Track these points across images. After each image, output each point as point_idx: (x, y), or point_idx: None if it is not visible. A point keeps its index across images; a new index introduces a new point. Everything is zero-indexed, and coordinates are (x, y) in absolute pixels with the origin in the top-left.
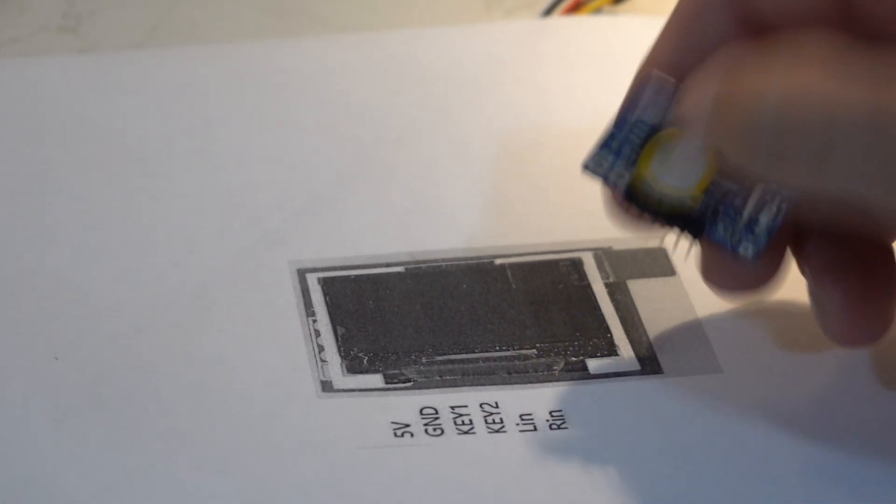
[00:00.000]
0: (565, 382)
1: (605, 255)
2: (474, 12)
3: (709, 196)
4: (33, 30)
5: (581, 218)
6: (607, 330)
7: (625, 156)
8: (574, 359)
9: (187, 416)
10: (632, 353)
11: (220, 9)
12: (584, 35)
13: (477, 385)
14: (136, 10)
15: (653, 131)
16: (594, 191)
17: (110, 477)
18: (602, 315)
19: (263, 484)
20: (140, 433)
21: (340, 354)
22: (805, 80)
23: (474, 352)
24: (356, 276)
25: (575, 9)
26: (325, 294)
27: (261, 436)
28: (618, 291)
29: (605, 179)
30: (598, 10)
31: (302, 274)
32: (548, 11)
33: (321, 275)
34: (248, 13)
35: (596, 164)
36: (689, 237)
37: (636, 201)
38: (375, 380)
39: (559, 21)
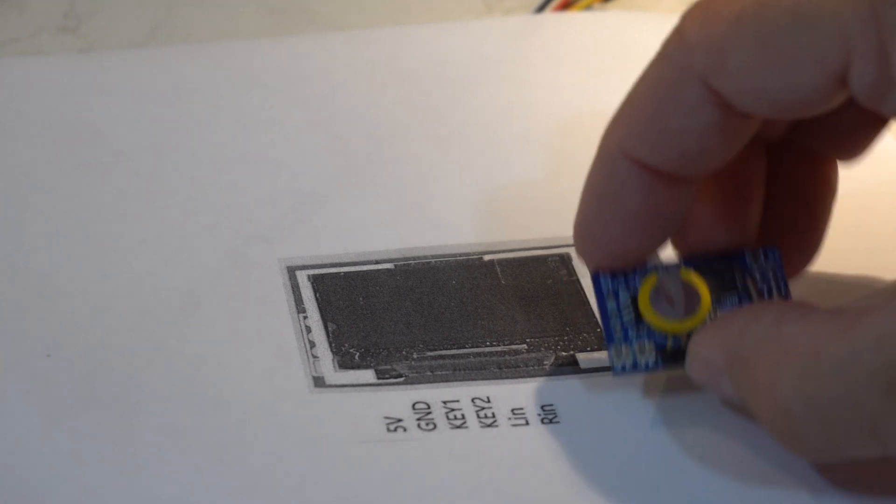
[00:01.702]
0: (556, 377)
1: None
2: (475, 12)
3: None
4: (33, 30)
5: (568, 213)
6: (597, 324)
7: (633, 336)
8: (564, 353)
9: (180, 412)
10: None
11: (221, 9)
12: (575, 32)
13: (468, 380)
14: (136, 11)
15: (633, 300)
16: (581, 187)
17: (103, 474)
18: (591, 310)
19: (258, 479)
20: (133, 430)
21: (332, 350)
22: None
23: (465, 347)
24: (346, 273)
25: (567, 6)
26: (316, 291)
27: (255, 431)
28: None
29: (637, 367)
30: (589, 7)
31: (292, 271)
32: (540, 8)
33: (311, 272)
34: (248, 13)
35: (621, 360)
36: None
37: (676, 356)
38: (367, 375)
39: (549, 17)
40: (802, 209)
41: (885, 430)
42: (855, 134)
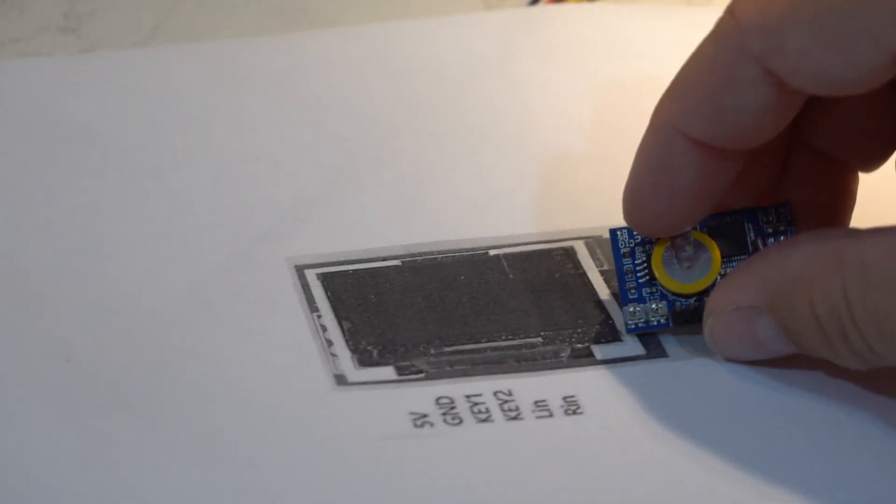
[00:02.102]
0: (574, 368)
1: (596, 244)
2: (474, 11)
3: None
4: (34, 30)
5: (571, 207)
6: (608, 316)
7: (647, 294)
8: (580, 345)
9: (204, 414)
10: (636, 338)
11: (221, 9)
12: (570, 24)
13: (488, 374)
14: (136, 11)
15: (648, 259)
16: (583, 180)
17: (129, 476)
18: (602, 302)
19: (290, 477)
20: (159, 432)
21: (349, 348)
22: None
23: (481, 342)
24: (355, 271)
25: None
26: (326, 289)
27: (281, 430)
28: (613, 279)
29: (649, 326)
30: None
31: (300, 270)
32: (533, 1)
33: (320, 270)
34: (248, 14)
35: (634, 320)
36: None
37: (684, 315)
38: (388, 372)
39: (544, 10)
40: (823, 217)
41: None
42: (878, 143)
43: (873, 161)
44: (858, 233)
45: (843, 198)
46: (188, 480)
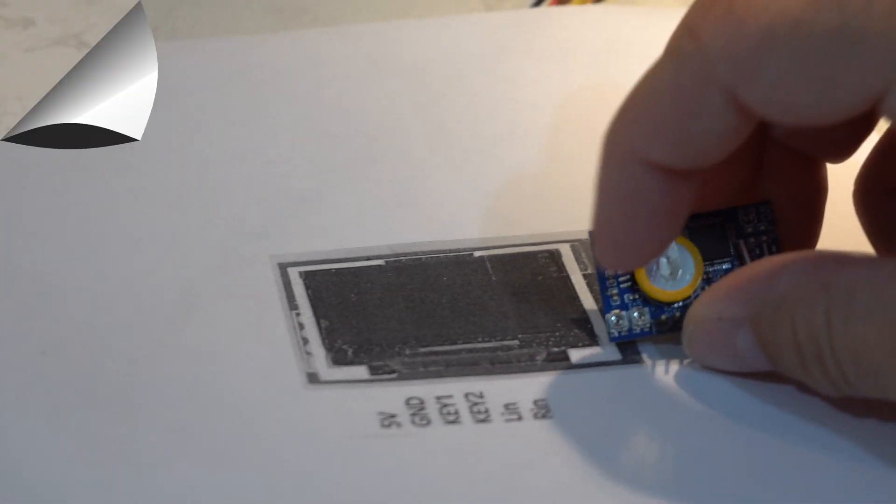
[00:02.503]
0: (548, 372)
1: (582, 247)
2: (475, 12)
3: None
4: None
5: (557, 210)
6: (587, 321)
7: (629, 301)
8: (556, 349)
9: (176, 409)
10: (613, 344)
11: (221, 9)
12: (567, 26)
13: (461, 376)
14: None
15: None
16: (570, 183)
17: (101, 470)
18: (582, 306)
19: (255, 474)
20: (130, 427)
21: (325, 347)
22: None
23: (457, 343)
24: (337, 270)
25: (562, 2)
26: (308, 287)
27: (251, 427)
28: (596, 282)
29: (633, 334)
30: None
31: (283, 268)
32: (536, 3)
33: (302, 269)
34: (248, 13)
35: (618, 328)
36: None
37: (668, 324)
38: (360, 371)
39: (547, 11)
40: (796, 210)
41: (885, 380)
42: (847, 137)
43: (842, 153)
44: (848, 259)
45: (816, 190)
46: (158, 475)
